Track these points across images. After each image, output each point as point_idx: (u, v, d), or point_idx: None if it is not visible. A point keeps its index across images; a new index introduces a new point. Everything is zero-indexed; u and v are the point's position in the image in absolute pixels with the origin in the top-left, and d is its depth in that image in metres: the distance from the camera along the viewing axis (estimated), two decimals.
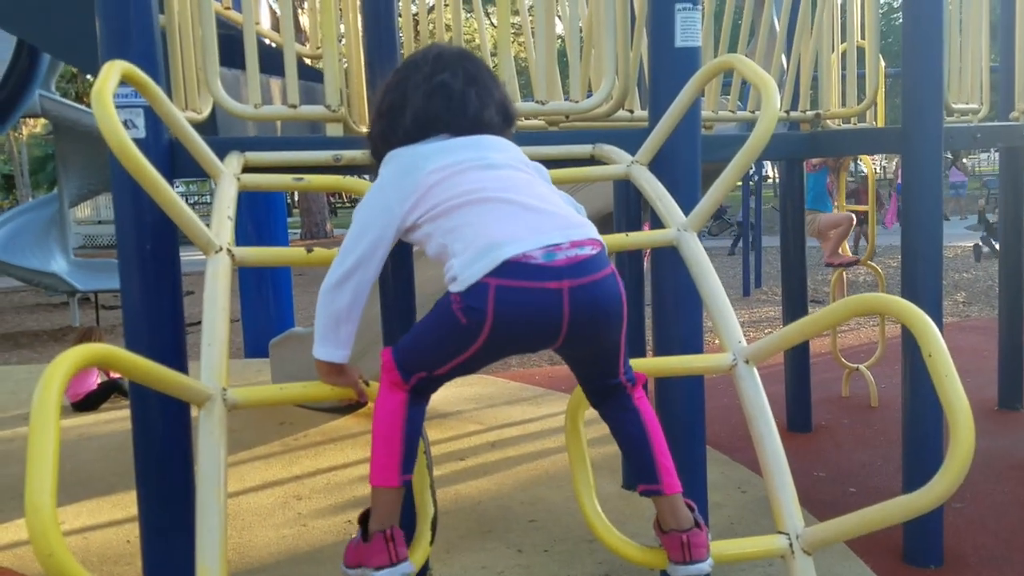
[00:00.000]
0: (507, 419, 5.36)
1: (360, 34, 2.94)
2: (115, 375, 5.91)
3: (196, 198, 27.91)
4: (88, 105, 18.55)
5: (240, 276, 7.32)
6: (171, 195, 1.70)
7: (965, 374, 1.49)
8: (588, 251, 1.57)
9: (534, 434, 5.04)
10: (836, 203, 6.25)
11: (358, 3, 2.92)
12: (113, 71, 1.67)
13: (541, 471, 4.32)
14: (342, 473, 4.45)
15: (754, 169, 9.55)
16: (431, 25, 3.23)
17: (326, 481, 4.33)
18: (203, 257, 1.82)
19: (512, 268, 1.50)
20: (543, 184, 1.74)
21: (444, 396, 5.62)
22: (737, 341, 1.74)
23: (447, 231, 1.60)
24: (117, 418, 5.60)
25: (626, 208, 3.58)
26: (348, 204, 30.70)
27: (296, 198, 24.94)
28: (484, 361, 1.62)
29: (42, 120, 9.89)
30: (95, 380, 5.91)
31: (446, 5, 3.16)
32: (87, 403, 5.85)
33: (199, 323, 1.74)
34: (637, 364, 1.76)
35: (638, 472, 1.69)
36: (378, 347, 4.35)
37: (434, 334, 1.61)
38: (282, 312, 7.52)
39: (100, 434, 5.34)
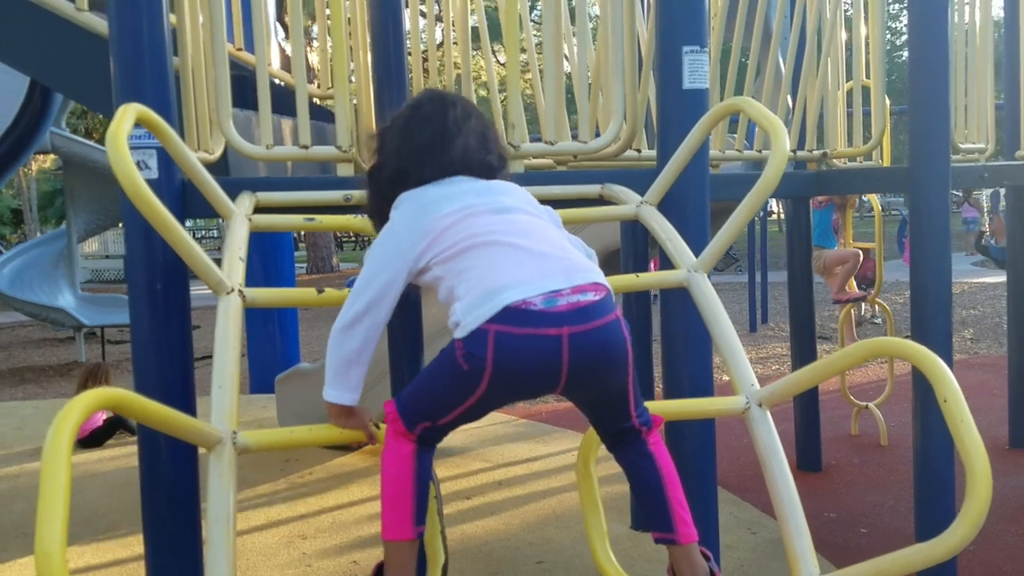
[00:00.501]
0: (514, 456, 5.33)
1: (370, 73, 2.98)
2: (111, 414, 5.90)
3: (203, 232, 28.05)
4: (98, 141, 18.74)
5: (247, 311, 7.32)
6: (183, 237, 1.70)
7: (975, 413, 1.48)
8: (591, 297, 1.56)
9: (541, 472, 5.00)
10: (842, 240, 6.26)
11: (367, 42, 2.96)
12: (128, 114, 1.69)
13: (549, 511, 4.28)
14: (348, 512, 4.42)
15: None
16: (440, 63, 3.27)
17: (331, 520, 4.29)
18: (210, 291, 1.83)
19: (512, 314, 1.51)
20: (552, 228, 1.74)
21: (449, 435, 5.57)
22: (750, 384, 1.73)
23: (455, 273, 1.61)
24: (122, 455, 5.58)
25: (633, 247, 3.59)
26: (354, 240, 30.84)
27: (303, 232, 25.06)
28: (487, 408, 1.62)
29: (51, 156, 9.96)
30: (101, 416, 5.90)
31: (455, 43, 3.20)
32: (92, 439, 5.83)
33: (205, 357, 1.75)
34: (649, 407, 1.75)
35: (653, 520, 1.66)
36: (385, 382, 4.34)
37: (437, 382, 1.62)
38: (288, 347, 7.52)
39: (104, 471, 5.31)
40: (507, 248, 1.60)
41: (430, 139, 1.76)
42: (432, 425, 1.63)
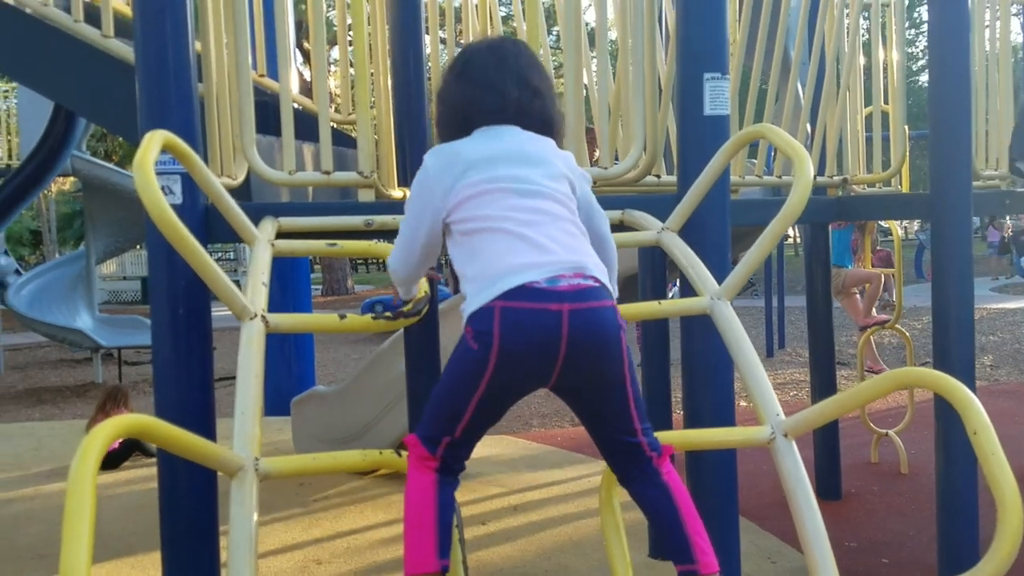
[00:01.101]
0: (530, 482, 5.29)
1: (390, 99, 3.00)
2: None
3: (219, 254, 28.23)
4: (117, 164, 18.90)
5: None
6: (208, 263, 1.71)
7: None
8: (590, 282, 1.63)
9: (558, 498, 4.96)
10: (859, 261, 6.21)
11: (388, 67, 2.98)
12: (154, 141, 1.70)
13: (565, 537, 4.25)
14: (363, 536, 4.40)
15: None
16: None
17: (346, 545, 4.27)
18: (228, 312, 1.84)
19: (516, 292, 1.58)
20: (566, 219, 1.73)
21: None
22: (775, 414, 1.72)
23: (467, 253, 1.69)
24: (138, 477, 5.58)
25: (652, 272, 3.58)
26: (369, 263, 30.96)
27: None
28: (497, 402, 1.65)
29: (71, 178, 10.08)
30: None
31: None
32: (109, 461, 5.85)
33: (223, 379, 1.75)
34: (672, 437, 1.74)
35: (673, 551, 1.65)
36: (402, 405, 4.33)
37: (450, 377, 1.66)
38: (304, 370, 7.52)
39: (121, 493, 5.32)
40: (517, 239, 1.65)
41: (479, 88, 1.80)
42: (451, 439, 1.65)
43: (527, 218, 1.67)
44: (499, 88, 1.79)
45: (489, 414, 1.67)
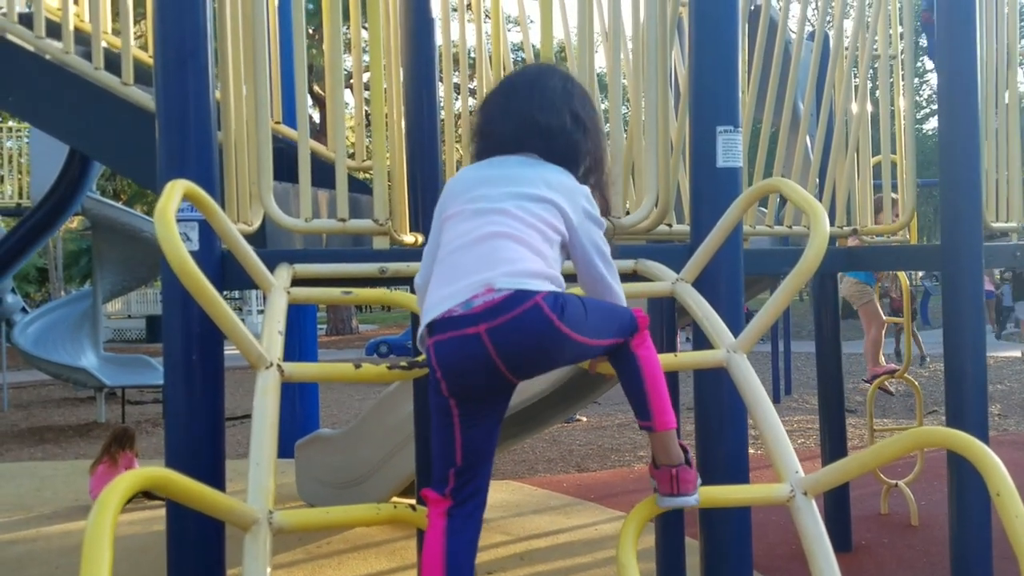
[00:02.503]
0: (535, 529, 5.23)
1: (403, 144, 3.02)
2: None
3: (224, 293, 28.25)
4: (126, 203, 18.96)
5: None
6: (227, 312, 1.71)
7: None
8: (503, 293, 1.65)
9: (564, 546, 4.90)
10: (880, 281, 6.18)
11: (400, 113, 3.02)
12: (176, 191, 1.72)
13: None
14: None
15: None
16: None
17: None
18: (236, 351, 1.84)
19: (438, 325, 1.68)
20: (507, 237, 1.73)
21: None
22: (794, 471, 1.70)
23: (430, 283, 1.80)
24: (141, 519, 5.52)
25: (662, 321, 3.57)
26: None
27: None
28: (474, 418, 1.70)
29: (79, 216, 10.15)
30: None
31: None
32: None
33: (230, 419, 1.74)
34: None
35: (636, 411, 1.76)
36: (408, 449, 4.27)
37: (433, 422, 1.74)
38: (308, 412, 7.49)
39: (123, 535, 5.24)
40: (447, 267, 1.75)
41: (487, 121, 1.90)
42: (456, 469, 1.70)
43: (465, 241, 1.75)
44: (505, 122, 1.87)
45: (477, 430, 1.72)
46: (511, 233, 1.73)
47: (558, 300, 1.66)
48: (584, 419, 8.99)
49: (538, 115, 1.84)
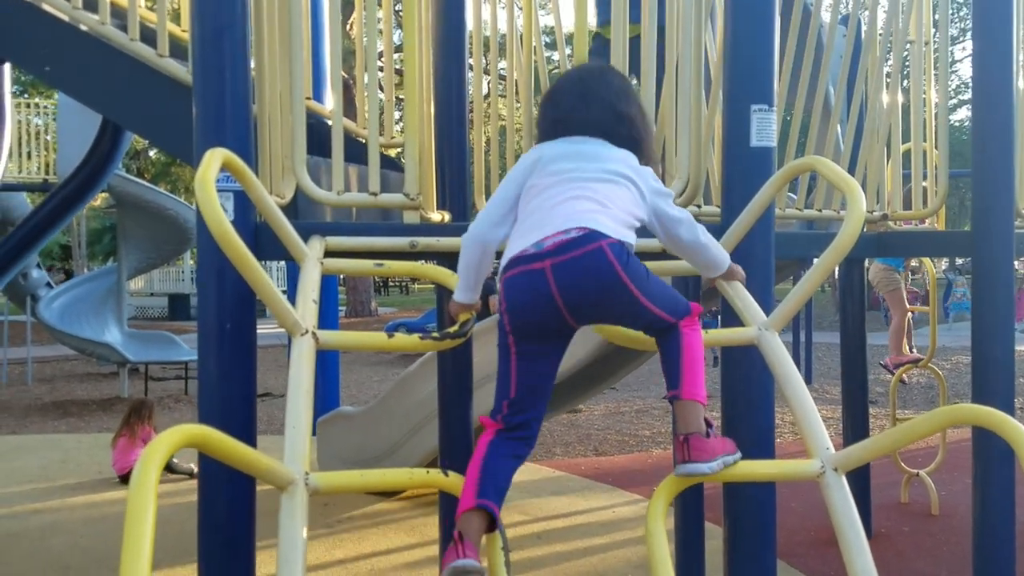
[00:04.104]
0: (553, 510, 5.27)
1: (431, 125, 3.03)
2: None
3: None
4: (151, 181, 19.09)
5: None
6: (265, 279, 1.74)
7: None
8: (573, 234, 1.79)
9: (581, 527, 4.93)
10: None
11: (431, 94, 3.02)
12: (215, 159, 1.74)
13: (590, 568, 4.21)
14: (385, 559, 4.39)
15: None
16: (501, 117, 3.32)
17: (369, 567, 4.27)
18: (264, 330, 1.86)
19: (512, 262, 1.84)
20: (587, 198, 1.89)
21: None
22: (825, 447, 1.71)
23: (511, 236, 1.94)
24: (163, 492, 5.59)
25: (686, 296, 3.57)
26: (390, 284, 31.06)
27: (343, 276, 25.35)
28: (532, 358, 1.84)
29: (103, 194, 10.24)
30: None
31: (502, 95, 3.27)
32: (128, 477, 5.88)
33: (260, 396, 1.77)
34: None
35: (668, 381, 1.84)
36: (429, 427, 4.30)
37: (498, 353, 1.89)
38: (328, 390, 7.53)
39: None
40: (531, 222, 1.89)
41: (565, 106, 2.04)
42: (509, 400, 1.85)
43: (553, 203, 1.89)
44: (588, 108, 2.03)
45: (533, 369, 1.85)
46: (595, 198, 1.88)
47: (623, 250, 1.81)
48: (584, 409, 8.97)
49: (617, 104, 2.03)
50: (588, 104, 2.03)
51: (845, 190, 1.86)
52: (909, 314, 5.91)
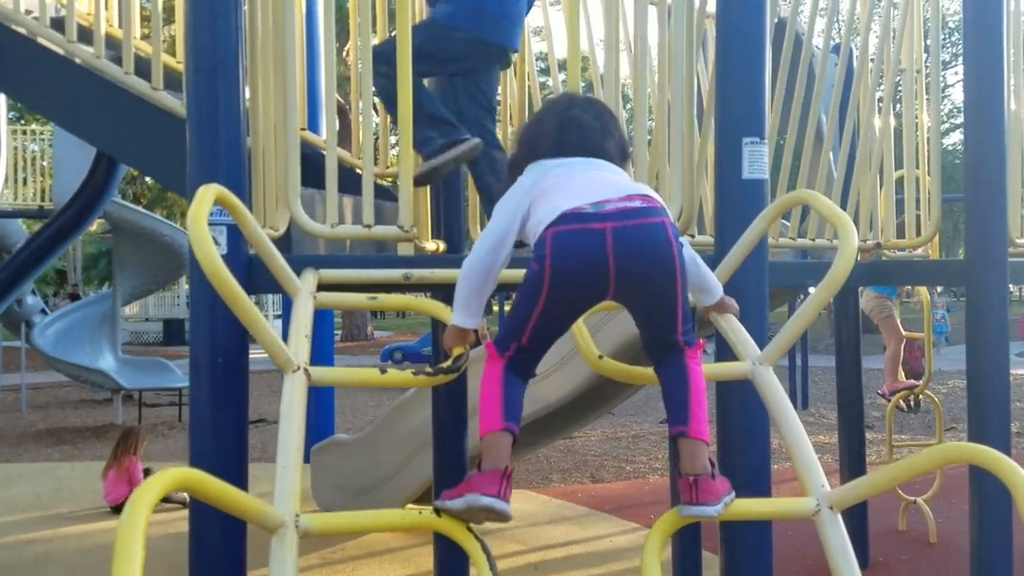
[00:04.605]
0: (550, 540, 5.23)
1: None
2: (141, 477, 5.91)
3: None
4: (146, 207, 19.07)
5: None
6: (257, 317, 1.73)
7: None
8: (637, 203, 1.79)
9: (579, 557, 4.90)
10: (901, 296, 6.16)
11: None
12: (208, 195, 1.73)
13: None
14: None
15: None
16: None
17: None
18: (256, 355, 1.86)
19: (566, 217, 1.78)
20: (626, 183, 1.94)
21: None
22: (820, 485, 1.69)
23: (536, 210, 1.89)
24: (156, 520, 5.54)
25: None
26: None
27: None
28: (555, 316, 1.83)
29: (100, 219, 10.25)
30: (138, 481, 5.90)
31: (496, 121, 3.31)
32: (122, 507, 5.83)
33: (252, 422, 1.75)
34: None
35: (672, 416, 1.82)
36: (425, 454, 4.27)
37: (518, 295, 1.87)
38: (324, 416, 7.51)
39: None
40: (576, 183, 1.88)
41: (543, 130, 2.04)
42: (519, 345, 1.84)
43: (589, 177, 1.90)
44: (590, 132, 2.04)
45: (552, 325, 1.85)
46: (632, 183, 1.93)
47: (678, 236, 1.82)
48: (580, 435, 8.93)
49: (612, 127, 2.06)
50: (606, 139, 2.04)
51: (837, 224, 1.86)
52: (904, 340, 5.91)
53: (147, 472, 6.02)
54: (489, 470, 1.72)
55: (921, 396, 5.41)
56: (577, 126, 2.02)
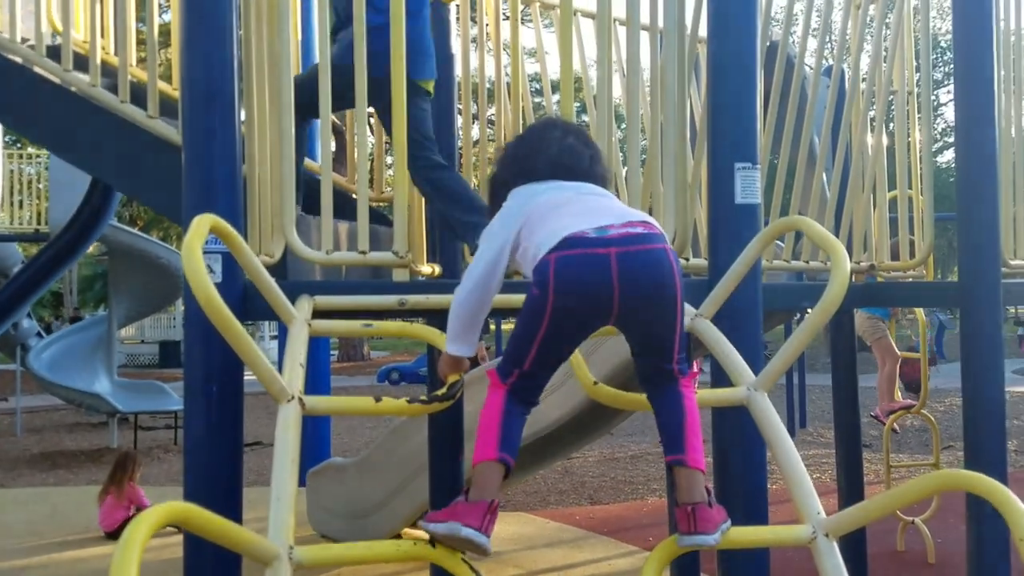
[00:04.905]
0: (547, 563, 5.20)
1: None
2: (147, 501, 5.87)
3: None
4: (142, 229, 19.07)
5: None
6: (251, 346, 1.73)
7: None
8: (639, 229, 1.81)
9: None
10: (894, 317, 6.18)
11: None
12: (203, 225, 1.74)
13: None
14: None
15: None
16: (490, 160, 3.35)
17: None
18: (248, 376, 1.86)
19: (568, 242, 1.78)
20: (619, 204, 2.00)
21: None
22: (816, 512, 1.69)
23: (531, 233, 1.88)
24: (150, 547, 5.51)
25: None
26: None
27: None
28: (557, 342, 1.83)
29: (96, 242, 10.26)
30: (132, 509, 5.87)
31: (492, 140, 3.32)
32: (122, 531, 5.79)
33: (247, 444, 1.75)
34: None
35: (668, 445, 1.83)
36: (421, 479, 4.25)
37: (519, 320, 1.85)
38: (320, 439, 7.47)
39: None
40: (573, 208, 1.88)
41: (531, 153, 2.06)
42: (521, 371, 1.83)
43: (585, 202, 1.92)
44: (578, 156, 2.06)
45: (554, 350, 1.85)
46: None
47: (678, 263, 1.84)
48: (578, 456, 8.90)
49: (598, 155, 2.09)
50: (594, 164, 2.07)
51: (829, 251, 1.87)
52: (900, 360, 5.92)
53: None
54: (476, 501, 1.71)
55: (917, 415, 5.38)
56: (570, 151, 2.03)
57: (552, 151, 2.03)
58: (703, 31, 2.79)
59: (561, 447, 5.22)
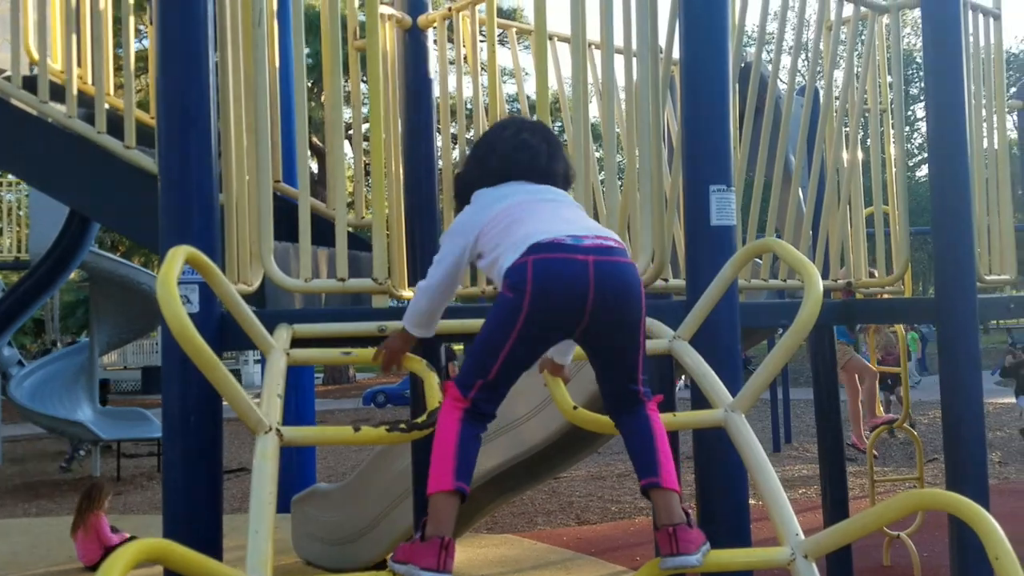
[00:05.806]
0: None
1: (401, 198, 3.06)
2: (126, 535, 5.80)
3: None
4: (123, 255, 18.95)
5: None
6: (227, 377, 1.72)
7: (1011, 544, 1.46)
8: (611, 243, 1.86)
9: None
10: (867, 336, 6.21)
11: (399, 173, 3.06)
12: (178, 257, 1.74)
13: None
14: None
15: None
16: None
17: None
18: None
19: (545, 246, 1.81)
20: (585, 217, 2.04)
21: (468, 558, 5.44)
22: (794, 534, 1.70)
23: (499, 237, 1.91)
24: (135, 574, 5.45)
25: (659, 376, 3.58)
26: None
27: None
28: (527, 347, 1.83)
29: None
30: (117, 539, 5.80)
31: None
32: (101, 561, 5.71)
33: (227, 472, 1.73)
34: None
35: (641, 469, 1.84)
36: (405, 505, 4.21)
37: (488, 325, 1.85)
38: (304, 463, 7.43)
39: None
40: (541, 214, 1.92)
41: (488, 152, 2.10)
42: (484, 381, 1.82)
43: (549, 208, 1.96)
44: (549, 157, 2.10)
45: (521, 359, 1.85)
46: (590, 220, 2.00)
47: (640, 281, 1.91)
48: (564, 475, 8.88)
49: (559, 151, 2.12)
50: (554, 162, 2.10)
51: (802, 272, 1.89)
52: (878, 375, 5.96)
53: (114, 529, 5.91)
54: (430, 539, 1.71)
55: (900, 428, 5.41)
56: (527, 148, 2.07)
57: (507, 149, 2.07)
58: (678, 53, 2.82)
59: (548, 468, 5.20)
